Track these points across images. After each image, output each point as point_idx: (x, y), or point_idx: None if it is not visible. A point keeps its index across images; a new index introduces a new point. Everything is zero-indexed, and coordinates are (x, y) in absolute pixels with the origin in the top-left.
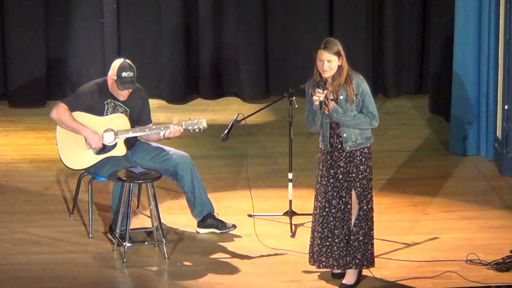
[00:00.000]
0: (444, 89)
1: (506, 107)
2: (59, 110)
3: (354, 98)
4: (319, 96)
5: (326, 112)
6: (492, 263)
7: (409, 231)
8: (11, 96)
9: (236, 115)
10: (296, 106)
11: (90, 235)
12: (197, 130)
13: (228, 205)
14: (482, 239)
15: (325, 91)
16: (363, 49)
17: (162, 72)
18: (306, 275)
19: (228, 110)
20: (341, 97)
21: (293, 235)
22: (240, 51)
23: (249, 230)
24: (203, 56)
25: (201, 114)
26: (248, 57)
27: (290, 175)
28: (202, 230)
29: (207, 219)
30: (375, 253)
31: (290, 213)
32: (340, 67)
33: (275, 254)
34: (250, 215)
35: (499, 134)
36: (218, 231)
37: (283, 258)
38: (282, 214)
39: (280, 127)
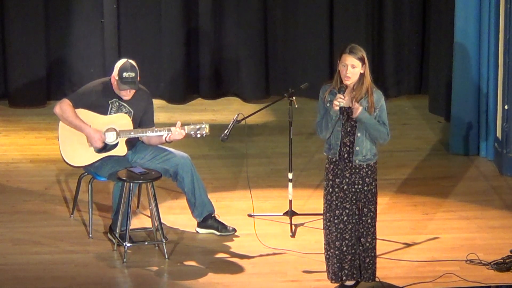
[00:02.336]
0: (444, 89)
1: (506, 107)
2: (63, 106)
3: (374, 111)
4: (340, 101)
5: (356, 115)
6: (492, 263)
7: (409, 231)
8: (11, 96)
9: (236, 115)
10: (296, 106)
11: (90, 235)
12: (199, 136)
13: (228, 205)
14: (482, 239)
15: (346, 97)
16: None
17: (162, 72)
18: (306, 275)
19: (228, 110)
20: (360, 108)
21: (293, 235)
22: (240, 51)
23: (249, 230)
24: (203, 56)
25: (201, 114)
26: (248, 57)
27: (290, 175)
28: (201, 230)
29: (208, 219)
30: (376, 253)
31: (290, 213)
32: (362, 76)
33: (275, 254)
34: (250, 215)
35: (499, 134)
36: (218, 233)
37: (283, 258)
38: (282, 214)
39: (280, 127)
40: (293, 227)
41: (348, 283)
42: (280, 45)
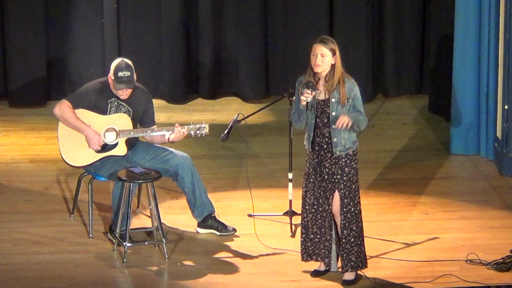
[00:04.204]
0: (444, 89)
1: (506, 107)
2: (62, 107)
3: (346, 101)
4: (307, 96)
5: (342, 125)
6: (492, 263)
7: (409, 231)
8: (11, 96)
9: (236, 115)
10: None
11: (90, 235)
12: (199, 136)
13: (228, 205)
14: (482, 239)
15: (313, 93)
16: (363, 49)
17: (162, 72)
18: (306, 275)
19: (228, 110)
20: (333, 100)
21: (293, 235)
22: (240, 51)
23: (249, 230)
24: (203, 56)
25: (201, 114)
26: (248, 57)
27: (290, 175)
28: (202, 230)
29: (208, 219)
30: (376, 253)
31: (290, 213)
32: (333, 67)
33: (275, 254)
34: (250, 215)
35: (499, 134)
36: (218, 233)
37: (283, 258)
38: (282, 214)
39: (280, 127)
40: (293, 227)
41: (347, 276)
42: (280, 45)
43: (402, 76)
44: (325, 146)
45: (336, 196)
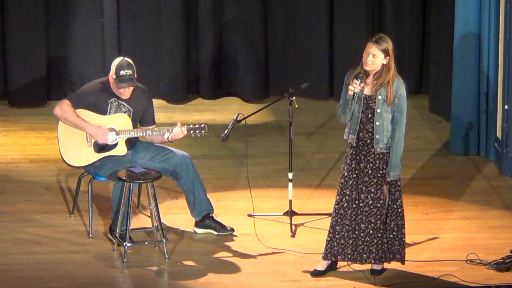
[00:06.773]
0: (444, 89)
1: (506, 107)
2: (63, 107)
3: (392, 101)
4: (355, 87)
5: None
6: (492, 263)
7: (409, 231)
8: (11, 96)
9: (236, 115)
10: (296, 106)
11: (90, 235)
12: (199, 135)
13: (228, 205)
14: (482, 239)
15: (362, 84)
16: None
17: (162, 72)
18: (306, 275)
19: (228, 110)
20: (379, 97)
21: (293, 235)
22: (240, 51)
23: (249, 230)
24: (203, 56)
25: (201, 114)
26: (248, 57)
27: (290, 175)
28: (199, 230)
29: (206, 219)
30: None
31: (290, 213)
32: (385, 66)
33: (275, 254)
34: (250, 215)
35: (499, 134)
36: (216, 233)
37: (283, 258)
38: (282, 214)
39: (280, 127)
40: (293, 227)
41: (376, 266)
42: (280, 45)
43: (402, 76)
44: (368, 141)
45: (385, 190)
